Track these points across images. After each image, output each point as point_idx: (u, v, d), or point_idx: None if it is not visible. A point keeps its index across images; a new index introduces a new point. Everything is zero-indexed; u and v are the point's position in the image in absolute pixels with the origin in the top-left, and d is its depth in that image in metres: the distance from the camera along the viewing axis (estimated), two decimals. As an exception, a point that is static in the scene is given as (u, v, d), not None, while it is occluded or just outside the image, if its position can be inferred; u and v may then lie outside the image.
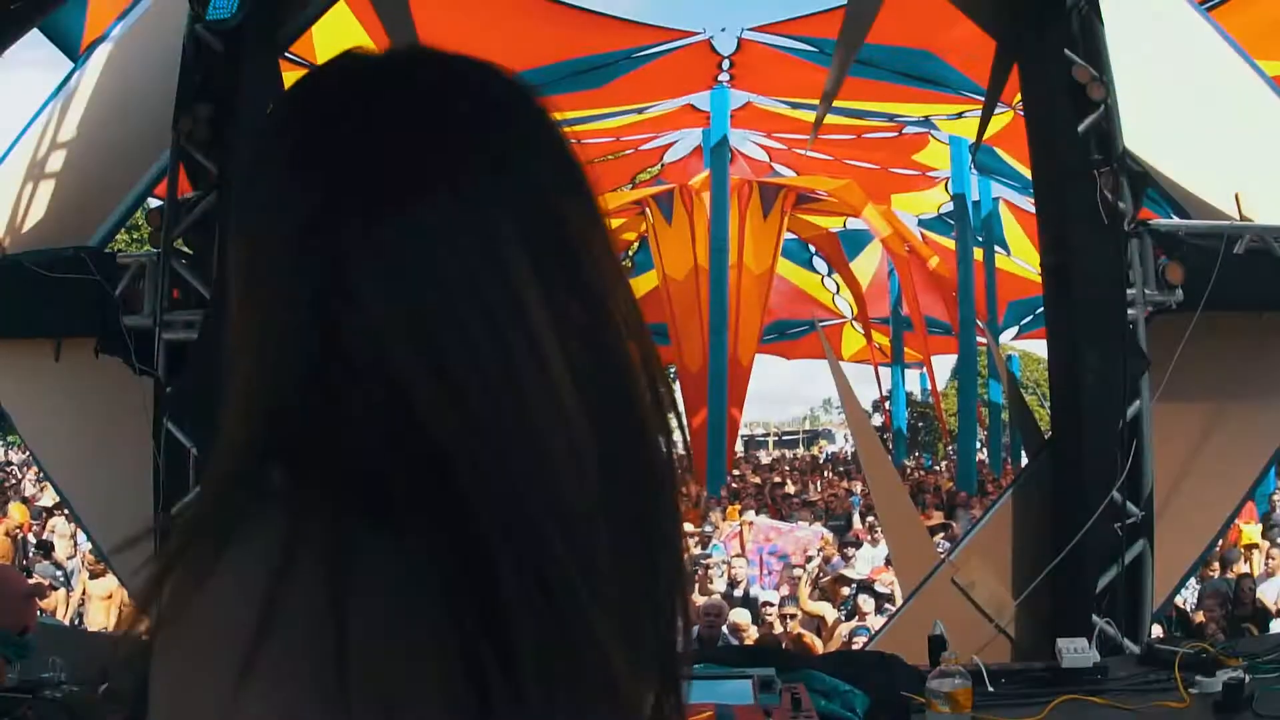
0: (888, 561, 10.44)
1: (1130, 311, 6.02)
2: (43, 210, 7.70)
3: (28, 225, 7.69)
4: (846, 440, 53.91)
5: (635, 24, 16.44)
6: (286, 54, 12.35)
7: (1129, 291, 6.03)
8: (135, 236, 23.72)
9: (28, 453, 17.30)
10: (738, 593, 11.14)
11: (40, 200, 7.75)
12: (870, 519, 13.92)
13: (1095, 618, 5.77)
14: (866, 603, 9.58)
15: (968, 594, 6.30)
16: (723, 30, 17.16)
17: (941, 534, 12.72)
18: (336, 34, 13.25)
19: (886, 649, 5.55)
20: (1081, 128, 6.12)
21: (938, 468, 31.70)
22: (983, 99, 8.13)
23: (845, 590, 10.34)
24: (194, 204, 6.66)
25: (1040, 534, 6.24)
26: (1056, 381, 6.54)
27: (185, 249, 6.75)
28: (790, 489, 21.47)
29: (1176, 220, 6.43)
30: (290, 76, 13.64)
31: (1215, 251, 6.03)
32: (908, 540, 7.41)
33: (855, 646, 8.46)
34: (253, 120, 6.88)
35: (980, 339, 24.46)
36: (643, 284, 30.67)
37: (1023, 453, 12.76)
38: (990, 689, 4.43)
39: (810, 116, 18.86)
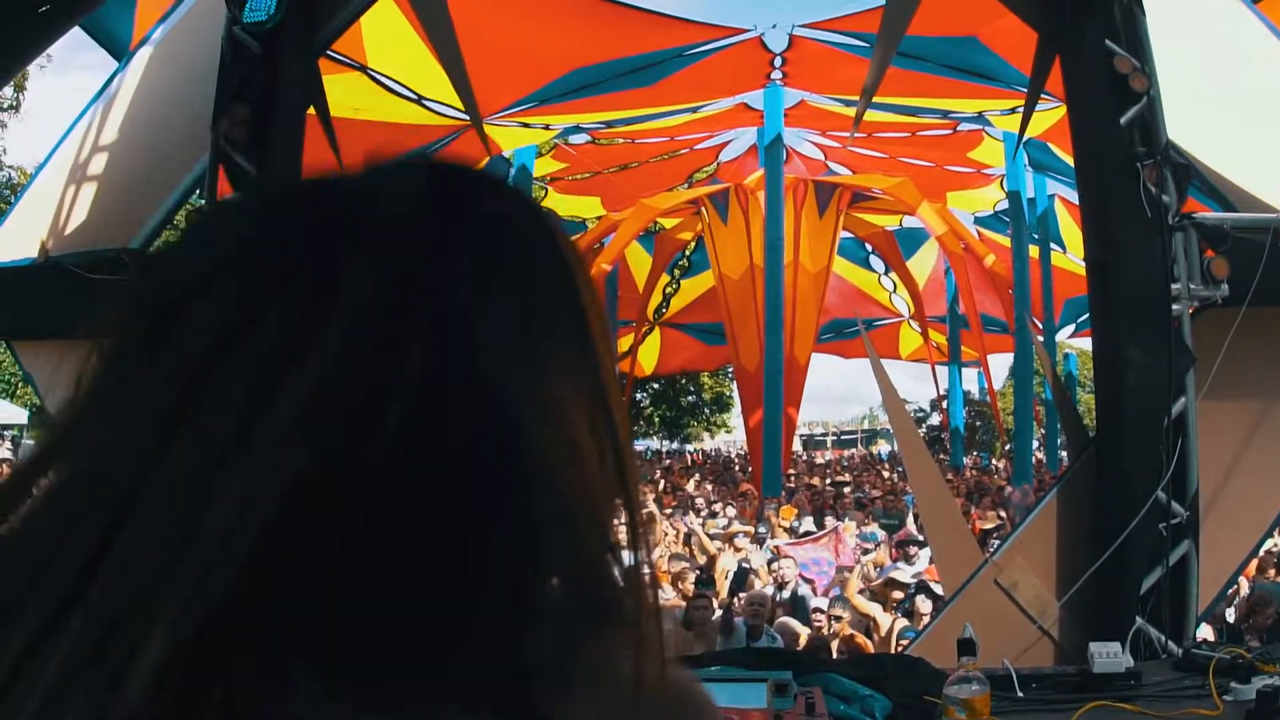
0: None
1: (1175, 307, 5.90)
2: (85, 212, 7.78)
3: (70, 227, 7.77)
4: (905, 440, 53.63)
5: (685, 21, 16.42)
6: (331, 54, 12.47)
7: (1173, 286, 5.90)
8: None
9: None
10: (785, 594, 11.01)
11: (83, 202, 7.82)
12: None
13: (1139, 620, 5.67)
14: (924, 604, 9.47)
15: (1011, 595, 6.21)
16: (774, 27, 17.13)
17: (996, 534, 12.57)
18: (385, 31, 13.31)
19: (930, 651, 5.47)
20: (1124, 120, 6.00)
21: (996, 465, 31.41)
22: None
23: (897, 594, 10.23)
24: (234, 205, 6.68)
25: (1084, 535, 6.13)
26: (1101, 379, 6.43)
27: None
28: (848, 491, 21.24)
29: (1222, 213, 6.29)
30: (338, 78, 13.77)
31: (1261, 245, 5.89)
32: (951, 542, 7.31)
33: (903, 646, 8.36)
34: (290, 120, 6.91)
35: (1037, 337, 24.26)
36: (699, 284, 30.77)
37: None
38: (1020, 694, 4.34)
39: (865, 115, 18.81)
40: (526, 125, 19.15)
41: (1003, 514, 14.56)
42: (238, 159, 6.67)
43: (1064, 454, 27.71)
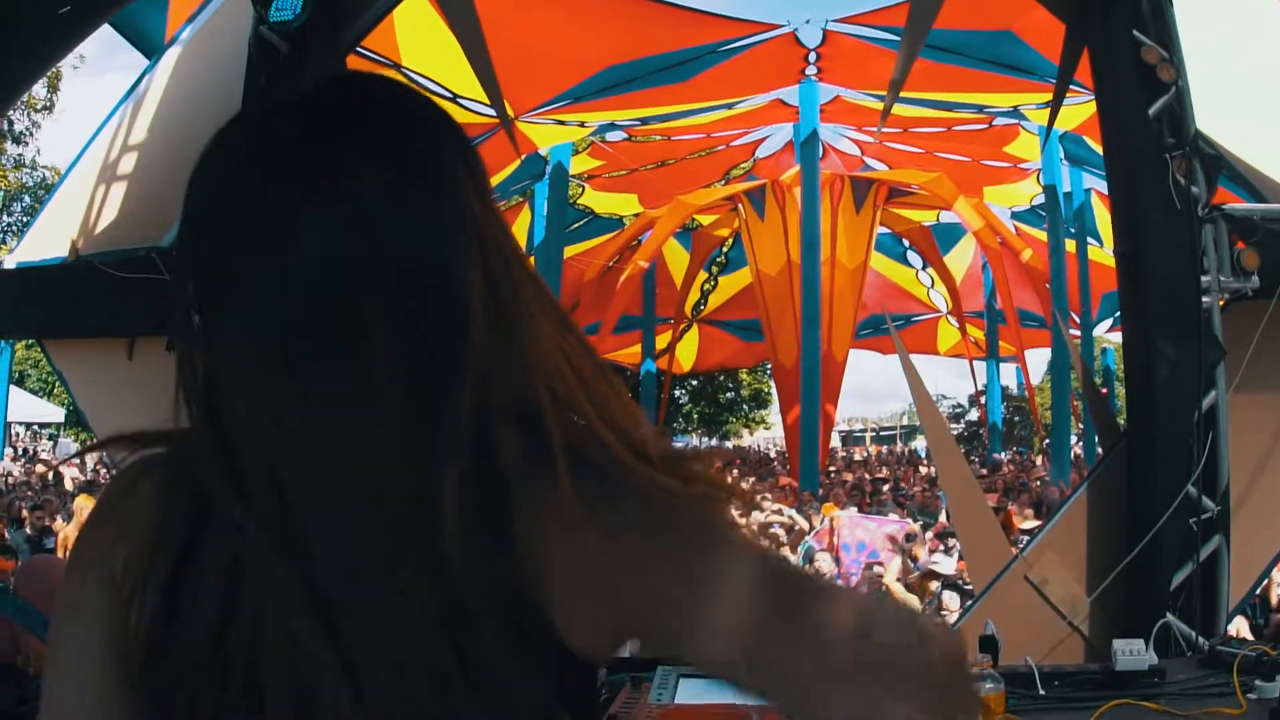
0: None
1: (1205, 299, 5.82)
2: (115, 212, 7.84)
3: (100, 227, 7.83)
4: (944, 436, 53.34)
5: (719, 17, 16.39)
6: (362, 50, 12.48)
7: (1203, 279, 5.83)
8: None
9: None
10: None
11: (112, 202, 7.88)
12: (959, 514, 13.68)
13: (1169, 615, 5.60)
14: (952, 599, 9.43)
15: (1041, 591, 6.15)
16: (807, 22, 17.07)
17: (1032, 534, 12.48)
18: (418, 29, 13.32)
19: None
20: (1152, 111, 5.93)
21: (1034, 460, 31.17)
22: (1071, 86, 7.99)
23: (934, 586, 10.20)
24: (262, 203, 6.70)
25: (1115, 530, 6.07)
26: (1130, 373, 6.36)
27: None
28: (886, 489, 21.10)
29: (1252, 204, 6.21)
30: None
31: (1292, 236, 5.84)
32: (981, 538, 7.25)
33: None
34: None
35: (1074, 331, 24.05)
36: (737, 280, 30.72)
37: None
38: (1042, 691, 4.29)
39: (900, 110, 18.72)
40: (562, 123, 19.16)
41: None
42: (265, 157, 6.68)
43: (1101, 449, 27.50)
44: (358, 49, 12.81)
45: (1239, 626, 8.04)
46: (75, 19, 6.42)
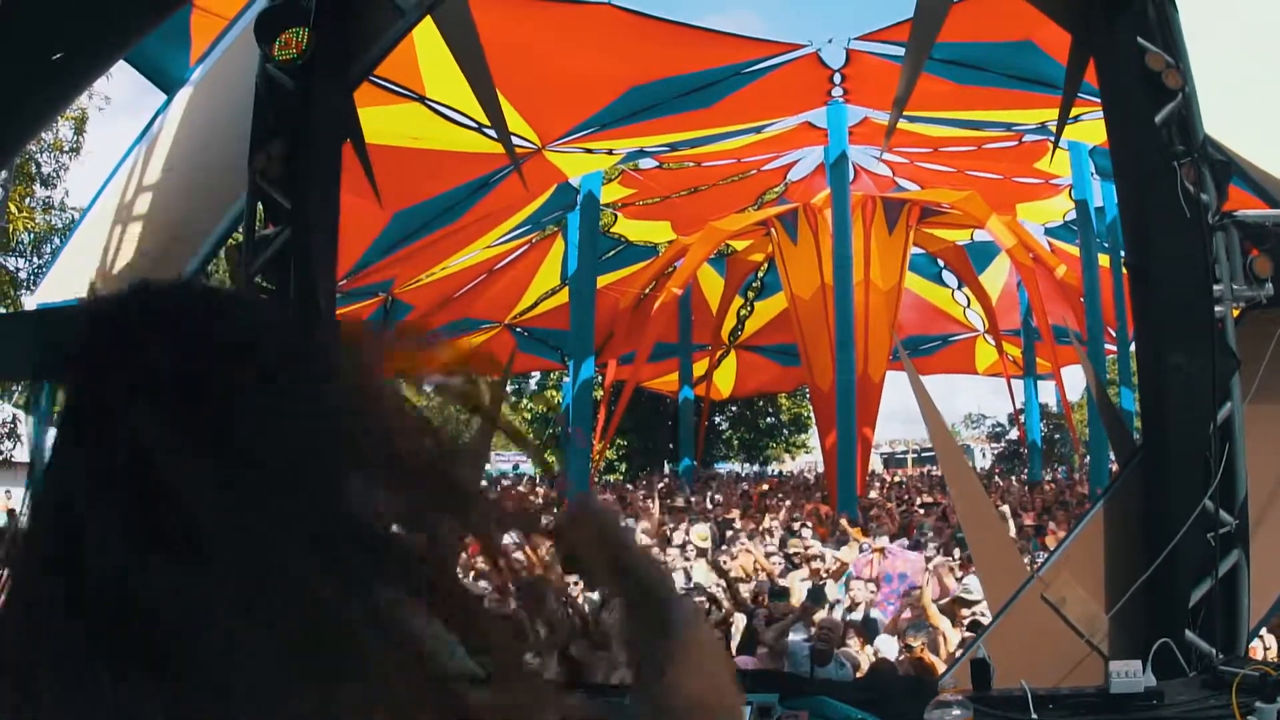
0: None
1: (1218, 309, 5.72)
2: (131, 252, 7.88)
3: (117, 267, 7.85)
4: (985, 456, 53.20)
5: (741, 38, 16.33)
6: (388, 85, 12.49)
7: (1216, 288, 5.72)
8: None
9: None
10: (856, 615, 10.85)
11: (129, 243, 7.93)
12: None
13: (1189, 633, 5.48)
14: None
15: (1059, 610, 6.03)
16: (829, 42, 16.98)
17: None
18: (442, 61, 13.28)
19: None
20: (1159, 118, 5.85)
21: (1074, 477, 30.84)
22: (1095, 99, 7.90)
23: (965, 611, 10.07)
24: (271, 239, 6.71)
25: (1133, 546, 5.95)
26: (1145, 385, 6.26)
27: (265, 284, 6.80)
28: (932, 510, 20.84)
29: (1264, 210, 6.10)
30: (397, 108, 13.82)
31: (1306, 242, 5.73)
32: (996, 558, 7.14)
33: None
34: (324, 155, 6.93)
35: (1110, 346, 23.77)
36: (773, 305, 30.59)
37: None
38: (1034, 716, 4.18)
39: (928, 130, 18.61)
40: (589, 150, 19.14)
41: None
42: (274, 195, 6.71)
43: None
44: (380, 81, 12.86)
45: (1269, 642, 7.88)
46: (77, 66, 6.43)
